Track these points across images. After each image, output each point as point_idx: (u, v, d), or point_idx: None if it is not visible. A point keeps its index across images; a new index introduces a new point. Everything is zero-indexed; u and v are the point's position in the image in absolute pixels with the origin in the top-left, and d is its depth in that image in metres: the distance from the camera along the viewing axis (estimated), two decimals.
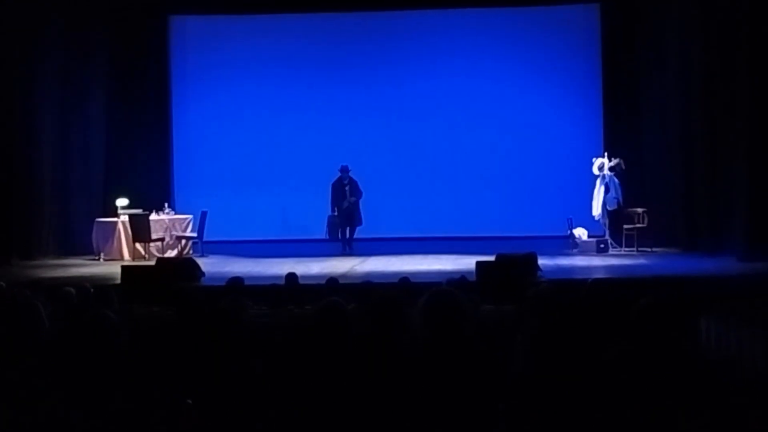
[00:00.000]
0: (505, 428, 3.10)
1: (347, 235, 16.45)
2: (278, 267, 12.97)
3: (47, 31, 16.23)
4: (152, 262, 13.72)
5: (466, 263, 12.61)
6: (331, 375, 3.51)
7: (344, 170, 16.35)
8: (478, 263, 11.61)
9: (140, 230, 15.50)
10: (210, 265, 13.85)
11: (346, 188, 16.33)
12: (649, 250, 15.54)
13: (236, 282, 8.68)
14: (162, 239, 15.85)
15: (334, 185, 16.39)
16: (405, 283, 8.99)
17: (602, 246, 15.68)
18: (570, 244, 16.00)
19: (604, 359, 3.88)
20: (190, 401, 3.33)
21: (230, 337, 4.33)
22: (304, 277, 10.97)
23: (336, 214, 16.36)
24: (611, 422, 3.36)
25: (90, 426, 3.14)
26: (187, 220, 16.79)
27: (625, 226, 15.83)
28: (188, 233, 16.56)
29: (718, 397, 3.61)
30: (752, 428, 3.35)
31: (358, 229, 16.51)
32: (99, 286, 9.31)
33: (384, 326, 3.92)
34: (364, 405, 3.29)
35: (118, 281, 11.80)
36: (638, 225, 15.77)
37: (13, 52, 15.59)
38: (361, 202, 16.46)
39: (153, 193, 17.23)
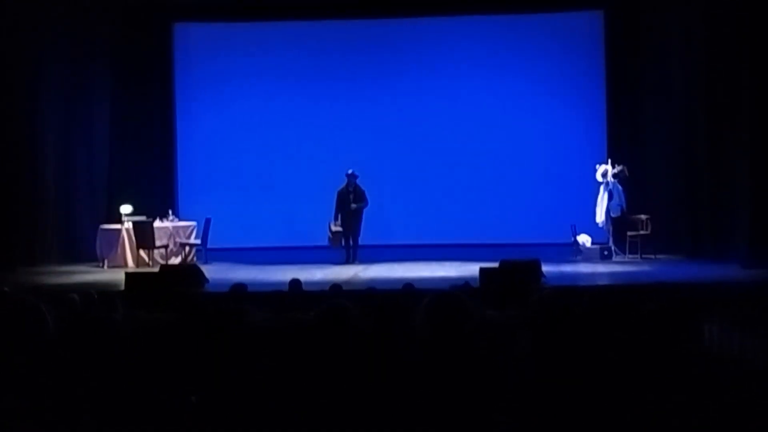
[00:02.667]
0: (505, 429, 3.11)
1: (350, 243, 16.13)
2: (282, 274, 12.94)
3: (51, 38, 16.28)
4: (156, 269, 13.73)
5: (469, 270, 12.61)
6: (333, 375, 3.52)
7: (351, 177, 16.08)
8: (481, 269, 11.63)
9: (144, 237, 15.51)
10: (214, 272, 13.85)
11: (351, 196, 16.08)
12: (652, 257, 15.53)
13: (239, 288, 8.68)
14: (166, 246, 15.86)
15: (339, 193, 16.15)
16: (409, 289, 8.98)
17: (606, 253, 15.68)
18: (573, 251, 15.99)
19: (606, 363, 3.88)
20: (194, 398, 3.34)
21: (233, 341, 4.34)
22: (308, 283, 10.96)
23: (339, 222, 16.09)
24: (613, 425, 3.37)
25: (94, 427, 3.15)
26: (191, 227, 16.79)
27: (629, 233, 15.84)
28: (192, 240, 16.57)
29: (721, 398, 3.61)
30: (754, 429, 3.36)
31: (361, 236, 16.12)
32: (103, 292, 9.32)
33: (387, 328, 3.93)
34: (365, 404, 3.29)
35: (122, 288, 11.82)
36: (642, 232, 15.78)
37: (17, 61, 15.65)
38: (365, 210, 16.17)
39: (157, 200, 17.26)
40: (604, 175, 15.96)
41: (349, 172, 16.12)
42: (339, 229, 16.05)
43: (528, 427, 3.14)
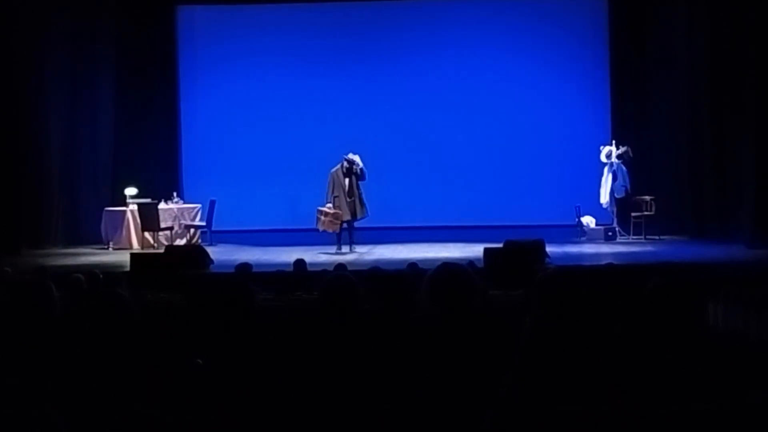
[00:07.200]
0: (507, 404, 3.12)
1: (344, 227, 15.16)
2: (286, 255, 12.95)
3: (55, 22, 16.26)
4: (161, 251, 13.76)
5: (473, 251, 12.62)
6: (338, 352, 3.55)
7: (350, 162, 15.11)
8: (486, 249, 11.64)
9: (149, 219, 15.52)
10: (218, 254, 13.88)
11: (347, 179, 15.14)
12: (657, 237, 15.52)
13: (244, 268, 8.71)
14: (171, 228, 15.87)
15: (333, 174, 15.25)
16: (414, 268, 8.99)
17: (610, 234, 15.69)
18: (578, 233, 16.00)
19: (610, 341, 3.90)
20: (200, 361, 3.37)
21: (239, 319, 4.36)
22: (312, 264, 10.99)
23: (332, 204, 15.08)
24: (616, 403, 3.38)
25: (99, 406, 3.17)
26: (196, 209, 16.81)
27: (633, 214, 15.83)
28: (197, 222, 16.59)
29: (724, 377, 3.62)
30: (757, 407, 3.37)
31: (365, 218, 15.46)
32: (108, 272, 9.35)
33: (391, 304, 3.95)
34: (370, 379, 3.32)
35: (128, 269, 11.85)
36: (646, 213, 15.76)
37: (22, 43, 15.62)
38: (369, 191, 15.51)
39: (161, 182, 17.25)
40: (609, 156, 15.96)
41: (348, 157, 15.16)
42: (336, 211, 15.06)
43: (531, 403, 3.16)
